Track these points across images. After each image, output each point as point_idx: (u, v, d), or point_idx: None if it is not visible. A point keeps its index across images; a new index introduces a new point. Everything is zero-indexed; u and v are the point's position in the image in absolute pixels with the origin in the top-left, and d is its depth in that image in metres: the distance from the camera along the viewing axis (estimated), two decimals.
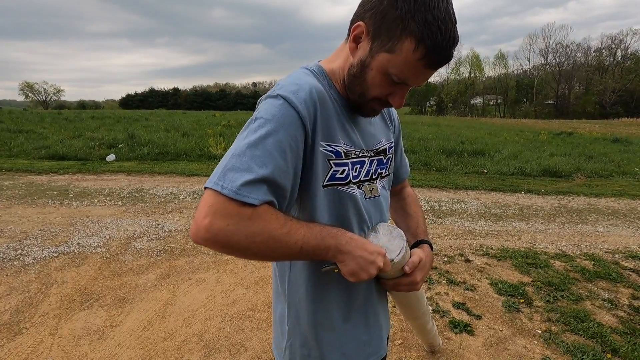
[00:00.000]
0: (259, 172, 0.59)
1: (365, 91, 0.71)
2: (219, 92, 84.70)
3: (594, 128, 22.53)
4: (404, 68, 0.64)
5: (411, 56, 0.63)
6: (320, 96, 0.69)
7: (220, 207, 0.58)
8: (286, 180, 0.63)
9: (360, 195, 0.78)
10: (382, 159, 0.86)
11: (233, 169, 0.59)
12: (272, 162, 0.61)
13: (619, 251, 3.70)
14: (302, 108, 0.65)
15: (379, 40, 0.65)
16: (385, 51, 0.65)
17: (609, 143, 13.51)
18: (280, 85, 0.69)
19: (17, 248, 3.37)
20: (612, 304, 2.66)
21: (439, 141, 11.85)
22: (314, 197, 0.71)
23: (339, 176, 0.73)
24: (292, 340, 0.83)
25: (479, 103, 66.66)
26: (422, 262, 0.81)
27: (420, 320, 1.10)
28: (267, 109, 0.65)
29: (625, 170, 8.08)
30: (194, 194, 5.47)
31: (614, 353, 2.11)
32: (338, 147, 0.73)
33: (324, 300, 0.79)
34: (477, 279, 3.02)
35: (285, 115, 0.64)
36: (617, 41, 53.67)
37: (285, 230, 0.62)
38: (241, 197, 0.57)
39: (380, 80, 0.68)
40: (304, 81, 0.69)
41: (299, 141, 0.65)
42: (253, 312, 2.48)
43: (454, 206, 5.21)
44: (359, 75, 0.70)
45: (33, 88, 74.29)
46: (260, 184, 0.59)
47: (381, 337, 0.90)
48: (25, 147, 9.04)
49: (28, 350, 2.04)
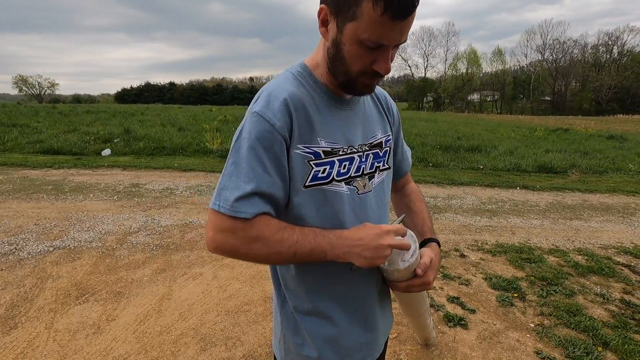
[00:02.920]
0: (246, 188, 0.68)
1: (348, 68, 0.71)
2: (215, 87, 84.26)
3: (590, 124, 22.64)
4: (372, 29, 0.63)
5: (374, 14, 0.62)
6: (296, 102, 0.72)
7: (219, 223, 0.68)
8: (274, 189, 0.70)
9: (349, 192, 0.78)
10: (378, 152, 0.85)
11: (225, 188, 0.69)
12: (256, 177, 0.68)
13: (612, 246, 3.75)
14: (277, 121, 0.70)
15: (342, 13, 0.66)
16: (349, 20, 0.65)
17: (605, 140, 13.59)
18: (258, 99, 0.74)
19: (12, 243, 3.36)
20: (604, 298, 2.70)
21: (436, 137, 11.86)
22: (295, 197, 0.74)
23: (320, 175, 0.74)
24: (285, 330, 0.84)
25: (476, 99, 66.72)
26: (433, 262, 0.81)
27: (422, 317, 1.10)
28: (246, 127, 0.71)
29: (620, 167, 8.14)
30: (190, 189, 5.45)
31: (604, 346, 2.15)
32: (316, 147, 0.74)
33: (320, 293, 0.80)
34: (472, 274, 3.04)
35: (261, 131, 0.69)
36: (613, 38, 53.77)
37: (277, 237, 0.69)
38: (234, 213, 0.67)
39: (356, 51, 0.68)
40: (281, 89, 0.73)
41: (278, 151, 0.70)
42: (249, 306, 2.49)
43: (450, 202, 5.23)
44: (336, 54, 0.71)
45: (27, 82, 73.37)
46: (251, 198, 0.68)
47: (377, 340, 0.89)
48: (19, 142, 8.96)
49: (24, 344, 2.04)
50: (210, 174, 6.56)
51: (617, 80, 49.47)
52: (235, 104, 60.38)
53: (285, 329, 0.84)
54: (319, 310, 0.81)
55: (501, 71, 62.95)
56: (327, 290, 0.81)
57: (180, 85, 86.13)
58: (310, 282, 0.80)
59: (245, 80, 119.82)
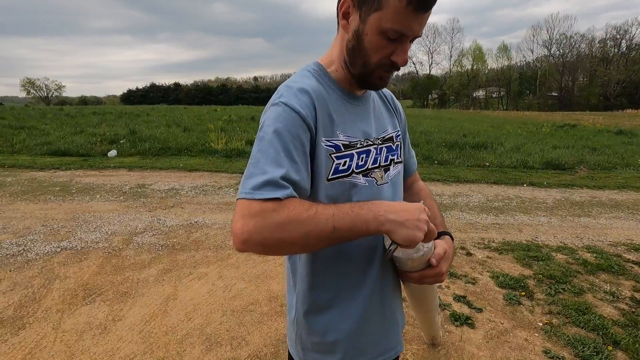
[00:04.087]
0: (274, 172, 0.65)
1: (367, 59, 0.73)
2: (220, 87, 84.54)
3: (598, 120, 22.33)
4: (396, 18, 0.66)
5: (399, 5, 0.65)
6: (319, 96, 0.74)
7: (246, 210, 0.63)
8: (300, 176, 0.68)
9: (368, 184, 0.80)
10: (390, 145, 0.87)
11: (251, 176, 0.66)
12: (284, 162, 0.66)
13: (622, 244, 3.69)
14: (303, 110, 0.70)
15: (366, 5, 0.69)
16: (374, 10, 0.68)
17: (613, 135, 13.39)
18: (281, 92, 0.74)
19: (20, 244, 3.40)
20: (613, 296, 2.65)
21: (441, 134, 11.79)
22: (320, 191, 0.74)
23: (341, 168, 0.76)
24: (300, 330, 0.84)
25: (481, 96, 66.17)
26: (447, 253, 0.81)
27: (432, 313, 1.09)
28: (270, 117, 0.70)
29: (629, 163, 8.01)
30: (196, 189, 5.48)
31: (615, 345, 2.11)
32: (337, 140, 0.76)
33: (333, 290, 0.80)
34: (479, 272, 3.01)
35: (287, 119, 0.69)
36: (622, 32, 52.90)
37: (312, 213, 0.64)
38: (262, 196, 0.63)
39: (377, 42, 0.70)
40: (303, 84, 0.74)
41: (304, 140, 0.70)
42: (254, 306, 2.49)
43: (456, 199, 5.19)
44: (357, 45, 0.73)
45: (34, 84, 74.34)
46: (277, 182, 0.64)
47: (397, 333, 0.90)
48: (27, 144, 9.07)
49: (31, 344, 2.06)
50: (215, 173, 6.58)
51: (625, 74, 48.73)
52: (240, 103, 60.59)
53: (301, 328, 0.84)
54: (333, 307, 0.80)
55: (507, 67, 62.34)
56: (341, 286, 0.80)
57: (185, 85, 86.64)
58: (323, 280, 0.80)
59: (249, 80, 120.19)
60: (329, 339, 0.81)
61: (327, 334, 0.81)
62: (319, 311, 0.81)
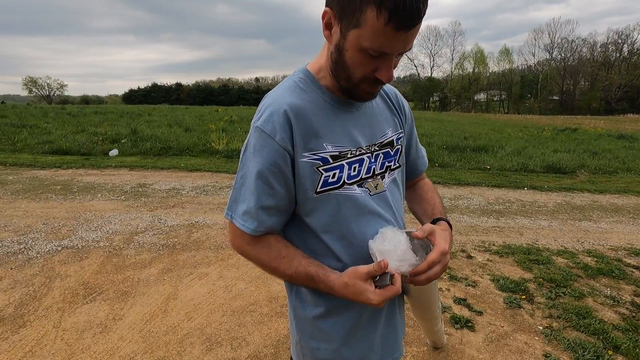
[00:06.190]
0: (250, 202, 0.74)
1: (350, 74, 0.69)
2: (221, 88, 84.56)
3: (599, 124, 22.31)
4: (375, 38, 0.61)
5: (377, 23, 0.59)
6: (297, 112, 0.73)
7: (233, 232, 0.79)
8: (277, 200, 0.75)
9: (362, 194, 0.77)
10: (388, 151, 0.84)
11: (236, 200, 0.77)
12: (259, 191, 0.73)
13: (623, 248, 3.68)
14: (276, 133, 0.72)
15: (346, 19, 0.64)
16: (353, 27, 0.63)
17: (614, 139, 13.38)
18: (261, 112, 0.75)
19: (21, 242, 3.40)
20: (614, 300, 2.65)
21: (442, 137, 11.79)
22: (308, 204, 0.76)
23: (331, 180, 0.75)
24: (299, 335, 0.84)
25: (482, 99, 66.18)
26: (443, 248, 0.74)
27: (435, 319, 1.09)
28: (250, 142, 0.75)
29: (630, 167, 8.00)
30: (197, 189, 5.48)
31: (615, 350, 2.11)
32: (323, 153, 0.74)
33: (330, 295, 0.78)
34: (479, 275, 3.01)
35: (263, 145, 0.72)
36: (623, 36, 52.94)
37: (274, 265, 0.77)
38: (242, 227, 0.76)
39: (359, 58, 0.66)
40: (281, 102, 0.74)
41: (281, 163, 0.72)
42: (254, 306, 2.49)
43: (457, 202, 5.19)
44: (338, 59, 0.69)
45: (37, 83, 74.45)
46: (255, 212, 0.74)
47: (397, 339, 0.89)
48: (28, 142, 9.08)
49: (32, 342, 2.07)
50: (216, 174, 6.58)
51: (627, 79, 48.72)
52: (241, 104, 60.55)
53: (300, 333, 0.84)
54: (332, 311, 0.80)
55: (508, 70, 62.38)
56: None
57: (187, 85, 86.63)
58: None
59: (250, 81, 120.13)
60: (328, 346, 0.81)
61: (326, 341, 0.81)
62: (317, 319, 0.81)
